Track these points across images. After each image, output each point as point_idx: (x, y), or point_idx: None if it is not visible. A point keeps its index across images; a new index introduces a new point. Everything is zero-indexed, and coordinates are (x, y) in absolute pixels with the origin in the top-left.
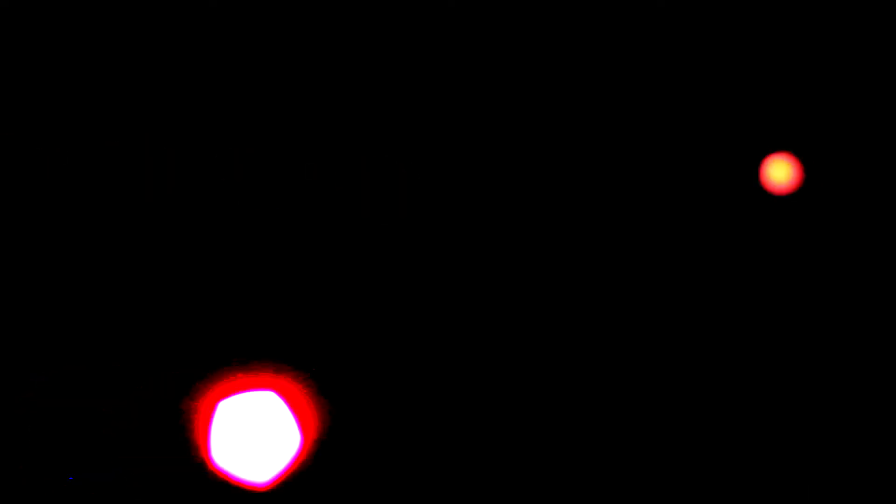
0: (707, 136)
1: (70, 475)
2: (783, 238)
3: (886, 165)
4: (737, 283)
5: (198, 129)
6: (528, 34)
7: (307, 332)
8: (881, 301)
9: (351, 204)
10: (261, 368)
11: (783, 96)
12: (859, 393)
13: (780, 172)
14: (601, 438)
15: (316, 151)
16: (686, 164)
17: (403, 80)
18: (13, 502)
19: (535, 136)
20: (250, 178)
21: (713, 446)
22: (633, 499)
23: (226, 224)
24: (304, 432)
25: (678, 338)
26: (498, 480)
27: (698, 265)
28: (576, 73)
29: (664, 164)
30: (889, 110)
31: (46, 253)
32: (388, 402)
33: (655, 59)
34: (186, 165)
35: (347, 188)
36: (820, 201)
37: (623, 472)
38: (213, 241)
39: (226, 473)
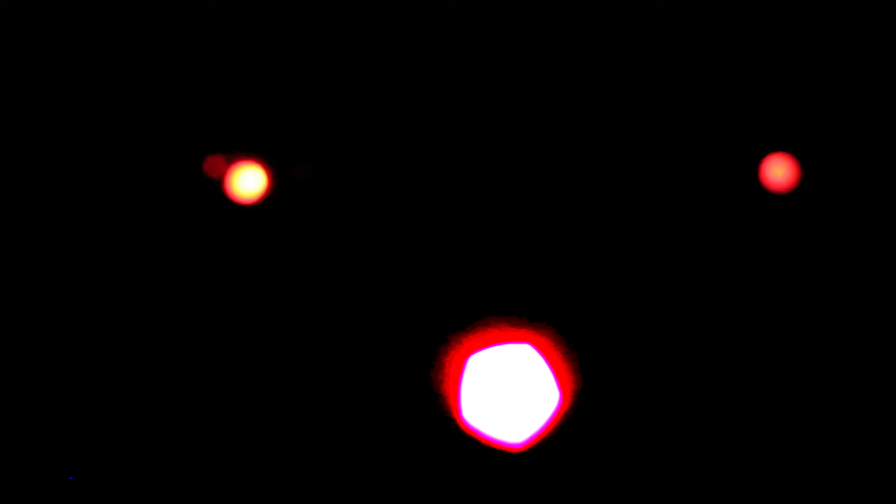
0: (704, 134)
1: (70, 475)
2: (782, 236)
3: (885, 164)
4: (735, 280)
5: (198, 129)
6: (528, 34)
7: (307, 333)
8: (880, 299)
9: (351, 204)
10: (514, 322)
11: (781, 94)
12: (858, 392)
13: (778, 171)
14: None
15: (315, 151)
16: (683, 162)
17: (403, 80)
18: (13, 502)
19: (535, 136)
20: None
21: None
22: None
23: (226, 224)
24: (562, 389)
25: (678, 336)
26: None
27: (696, 264)
28: (576, 73)
29: (664, 164)
30: (888, 108)
31: (46, 253)
32: None
33: (655, 59)
34: (186, 165)
35: (348, 188)
36: (818, 199)
37: (622, 472)
38: (213, 242)
39: (478, 433)
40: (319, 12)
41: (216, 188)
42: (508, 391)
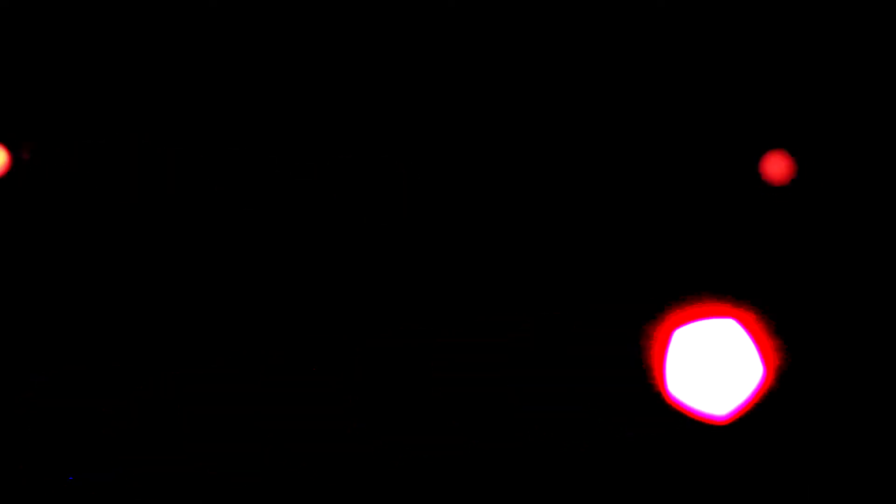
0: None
1: (70, 475)
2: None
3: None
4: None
5: (197, 129)
6: (528, 33)
7: (307, 333)
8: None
9: (350, 204)
10: (718, 298)
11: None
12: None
13: (775, 166)
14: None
15: (314, 151)
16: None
17: (402, 80)
18: (13, 502)
19: (534, 136)
20: (249, 177)
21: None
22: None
23: (226, 224)
24: (766, 363)
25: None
26: None
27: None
28: (576, 72)
29: (664, 163)
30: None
31: (46, 252)
32: None
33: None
34: (186, 165)
35: (347, 188)
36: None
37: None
38: (212, 242)
39: (683, 405)
40: (318, 11)
41: (219, 189)
42: (713, 365)
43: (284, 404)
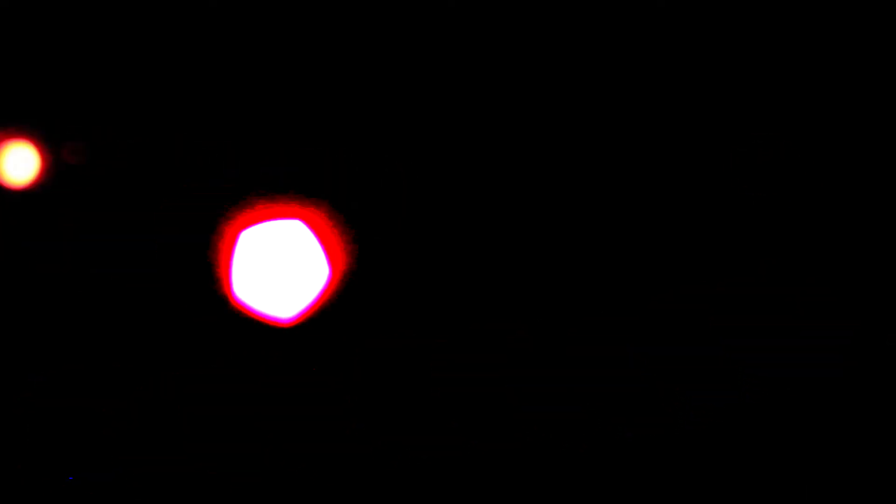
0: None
1: (70, 475)
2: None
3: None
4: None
5: (197, 129)
6: (527, 33)
7: (307, 333)
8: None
9: (349, 203)
10: (286, 199)
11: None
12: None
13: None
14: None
15: (314, 151)
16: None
17: (402, 81)
18: (13, 502)
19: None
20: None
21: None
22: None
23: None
24: (332, 264)
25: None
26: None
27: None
28: (575, 72)
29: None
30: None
31: (46, 252)
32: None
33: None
34: (186, 165)
35: (347, 188)
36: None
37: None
38: (212, 242)
39: (249, 308)
40: (318, 11)
41: (219, 189)
42: (278, 266)
43: (284, 404)
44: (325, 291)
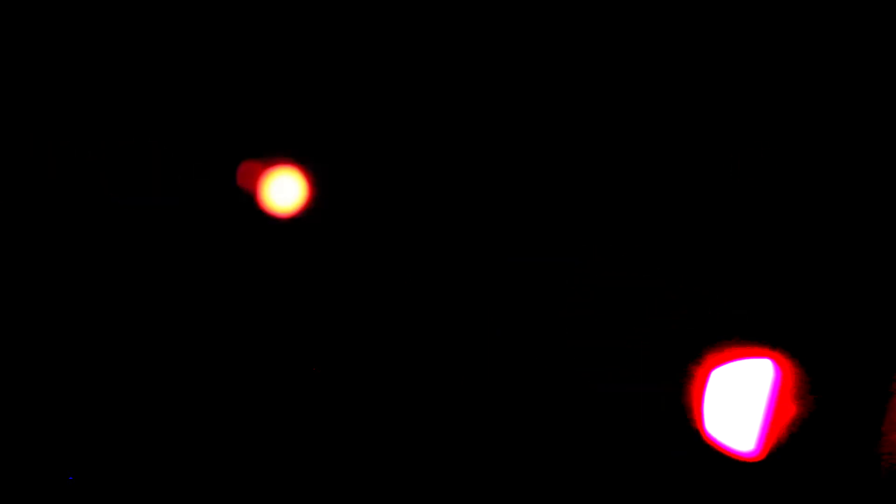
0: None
1: (70, 475)
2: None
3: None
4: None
5: (196, 128)
6: (527, 32)
7: (307, 333)
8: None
9: (349, 203)
10: (749, 343)
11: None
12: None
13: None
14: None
15: (313, 151)
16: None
17: (402, 81)
18: (13, 502)
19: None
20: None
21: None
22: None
23: (225, 224)
24: (790, 404)
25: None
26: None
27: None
28: (575, 71)
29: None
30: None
31: (46, 252)
32: None
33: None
34: (186, 164)
35: (347, 188)
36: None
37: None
38: (212, 242)
39: (718, 443)
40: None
41: (219, 189)
42: (748, 404)
43: (284, 404)
44: (783, 427)
